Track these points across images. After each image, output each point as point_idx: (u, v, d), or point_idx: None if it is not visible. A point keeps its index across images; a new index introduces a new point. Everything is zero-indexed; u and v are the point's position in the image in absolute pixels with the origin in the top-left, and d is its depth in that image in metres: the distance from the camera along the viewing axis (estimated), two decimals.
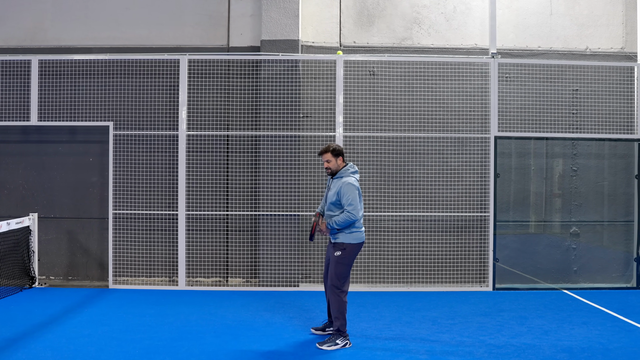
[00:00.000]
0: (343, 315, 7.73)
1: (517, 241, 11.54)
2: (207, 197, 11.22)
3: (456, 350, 7.63)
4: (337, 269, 7.70)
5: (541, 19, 11.72)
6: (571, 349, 7.70)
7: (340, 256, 7.68)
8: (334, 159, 7.78)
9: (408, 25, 11.65)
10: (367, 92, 11.31)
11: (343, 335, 7.73)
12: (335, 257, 7.70)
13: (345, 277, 7.75)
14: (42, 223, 11.38)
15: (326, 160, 7.80)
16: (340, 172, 7.82)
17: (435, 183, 11.26)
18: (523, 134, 11.28)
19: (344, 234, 7.68)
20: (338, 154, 7.80)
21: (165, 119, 11.30)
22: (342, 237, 7.69)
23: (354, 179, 7.73)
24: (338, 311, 7.72)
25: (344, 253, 7.69)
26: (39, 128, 11.40)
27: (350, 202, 7.53)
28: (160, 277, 11.30)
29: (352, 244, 7.70)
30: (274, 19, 11.13)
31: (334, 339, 7.68)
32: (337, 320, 7.74)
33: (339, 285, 7.71)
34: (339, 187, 7.64)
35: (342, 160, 7.84)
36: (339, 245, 7.70)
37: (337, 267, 7.69)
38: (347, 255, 7.71)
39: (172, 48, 11.50)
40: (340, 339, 7.69)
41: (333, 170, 7.83)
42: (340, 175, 7.79)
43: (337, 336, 7.71)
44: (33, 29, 11.65)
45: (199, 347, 7.64)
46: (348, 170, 7.80)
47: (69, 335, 8.09)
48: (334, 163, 7.80)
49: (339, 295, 7.71)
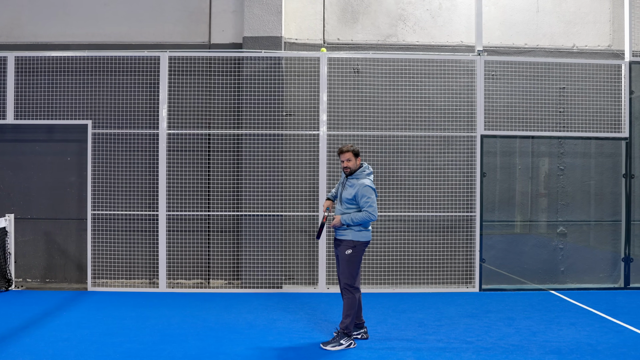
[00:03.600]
0: (354, 314, 7.79)
1: (504, 241, 11.50)
2: (188, 197, 11.13)
3: (443, 352, 7.58)
4: (350, 268, 7.79)
5: (528, 16, 11.68)
6: (559, 349, 7.69)
7: (351, 254, 7.77)
8: (354, 159, 7.90)
9: (393, 22, 11.56)
10: (352, 90, 11.24)
11: (348, 335, 7.76)
12: (346, 256, 7.78)
13: (357, 275, 7.83)
14: (19, 224, 11.23)
15: (347, 159, 7.89)
16: (357, 172, 7.92)
17: (421, 183, 11.20)
18: (509, 132, 11.24)
19: (353, 232, 7.79)
20: (358, 154, 7.94)
21: (145, 118, 11.18)
22: (351, 235, 7.79)
23: (369, 180, 7.88)
24: (350, 309, 7.76)
25: (354, 251, 7.79)
26: (16, 127, 11.23)
27: (370, 203, 7.69)
28: (140, 279, 11.17)
29: (361, 241, 7.82)
30: (256, 15, 11.02)
31: (338, 339, 7.72)
32: (346, 319, 7.75)
33: (353, 283, 7.80)
34: (358, 189, 7.78)
35: (360, 160, 7.98)
36: (348, 243, 7.79)
37: (350, 265, 7.79)
38: (357, 253, 7.81)
39: (152, 45, 11.38)
40: (344, 339, 7.73)
41: (352, 170, 7.92)
42: (357, 176, 7.92)
43: (342, 336, 7.75)
44: (9, 24, 11.47)
45: (181, 350, 7.56)
46: (364, 171, 7.94)
47: (47, 339, 7.98)
48: (354, 163, 7.91)
49: (353, 293, 7.80)
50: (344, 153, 7.87)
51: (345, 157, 7.86)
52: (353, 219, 7.69)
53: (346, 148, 7.87)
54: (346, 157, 7.86)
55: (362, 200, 7.68)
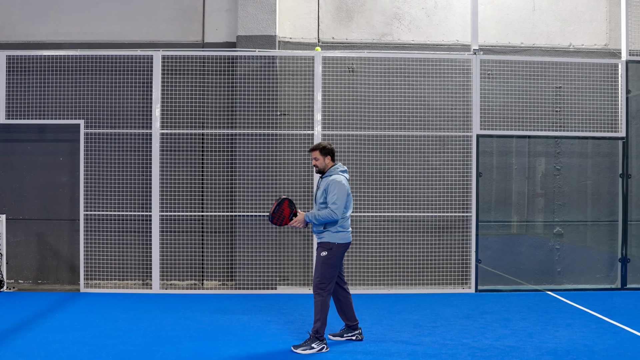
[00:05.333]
0: (324, 318, 7.63)
1: (500, 242, 11.48)
2: (181, 197, 11.07)
3: (439, 353, 7.54)
4: (323, 270, 7.62)
5: (524, 14, 11.64)
6: (556, 351, 7.65)
7: (326, 256, 7.61)
8: (321, 157, 7.80)
9: (388, 20, 11.51)
10: (346, 89, 11.18)
11: (320, 339, 7.62)
12: (322, 257, 7.64)
13: (331, 278, 7.66)
14: (11, 225, 11.16)
15: (314, 158, 7.81)
16: (329, 170, 7.79)
17: (416, 182, 11.14)
18: (505, 132, 11.19)
19: (330, 234, 7.63)
20: (327, 152, 7.81)
21: (138, 117, 11.11)
22: (328, 237, 7.64)
23: (342, 177, 7.71)
24: (320, 312, 7.61)
25: (330, 253, 7.62)
26: (7, 126, 11.15)
27: (334, 200, 7.51)
28: (133, 280, 11.11)
29: (338, 243, 7.65)
30: (250, 14, 10.96)
31: (310, 343, 7.59)
32: (316, 323, 7.62)
33: (324, 286, 7.62)
34: (327, 185, 7.64)
35: (330, 159, 7.85)
36: (325, 245, 7.65)
37: (323, 267, 7.62)
38: (333, 255, 7.64)
39: (145, 44, 11.31)
40: (316, 343, 7.58)
41: (320, 169, 7.83)
42: (329, 173, 7.76)
43: (314, 340, 7.60)
44: (0, 23, 11.38)
45: (174, 352, 7.52)
46: (337, 169, 7.80)
47: (39, 341, 7.95)
48: (322, 161, 7.80)
49: (323, 296, 7.62)
50: (312, 151, 7.82)
51: (313, 155, 7.83)
52: (316, 216, 7.57)
53: (315, 146, 7.83)
54: (314, 156, 7.82)
55: (329, 195, 7.54)
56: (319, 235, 7.71)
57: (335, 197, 7.49)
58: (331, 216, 7.48)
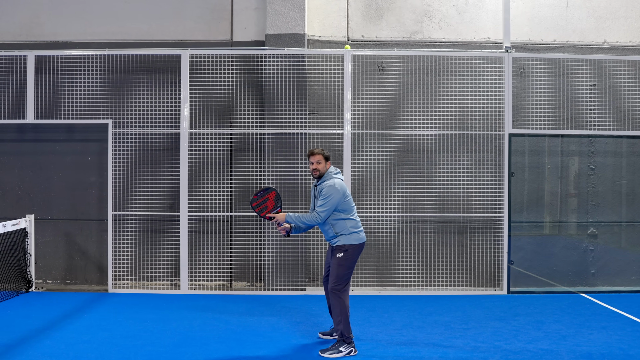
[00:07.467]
0: (346, 319, 7.56)
1: (532, 243, 11.34)
2: (210, 197, 11.03)
3: (471, 356, 7.48)
4: (339, 271, 7.58)
5: (557, 11, 11.47)
6: (590, 354, 7.55)
7: (342, 258, 7.58)
8: (324, 162, 7.75)
9: (418, 18, 11.40)
10: (376, 88, 11.09)
11: (347, 342, 7.54)
12: (337, 259, 7.59)
13: (347, 279, 7.64)
14: (39, 225, 11.18)
15: (317, 162, 7.73)
16: (324, 176, 7.74)
17: (447, 182, 11.05)
18: (538, 131, 11.06)
19: (344, 236, 7.61)
20: (328, 158, 7.81)
21: (166, 117, 11.13)
22: (342, 240, 7.61)
23: (338, 179, 7.68)
24: (340, 314, 7.55)
25: (346, 255, 7.59)
26: (36, 126, 11.22)
27: (323, 204, 7.52)
28: (161, 280, 11.11)
29: (353, 244, 7.62)
30: (279, 12, 10.90)
31: (337, 347, 7.51)
32: (339, 325, 7.56)
33: (340, 288, 7.59)
34: (321, 190, 7.62)
35: (329, 164, 7.84)
36: (341, 248, 7.60)
37: (339, 269, 7.58)
38: (349, 256, 7.61)
39: (173, 43, 11.32)
40: (344, 347, 7.50)
41: (321, 173, 7.75)
42: (324, 179, 7.71)
43: (341, 343, 7.53)
44: (29, 23, 11.43)
45: (203, 353, 7.54)
46: (331, 172, 7.76)
47: (67, 341, 7.98)
48: (324, 166, 7.75)
49: (341, 297, 7.57)
50: (315, 155, 7.72)
51: (315, 159, 7.71)
52: (301, 217, 7.61)
53: (317, 150, 7.75)
54: (316, 159, 7.71)
55: (321, 199, 7.54)
56: (333, 240, 7.67)
57: (326, 202, 7.50)
58: (315, 220, 7.55)
